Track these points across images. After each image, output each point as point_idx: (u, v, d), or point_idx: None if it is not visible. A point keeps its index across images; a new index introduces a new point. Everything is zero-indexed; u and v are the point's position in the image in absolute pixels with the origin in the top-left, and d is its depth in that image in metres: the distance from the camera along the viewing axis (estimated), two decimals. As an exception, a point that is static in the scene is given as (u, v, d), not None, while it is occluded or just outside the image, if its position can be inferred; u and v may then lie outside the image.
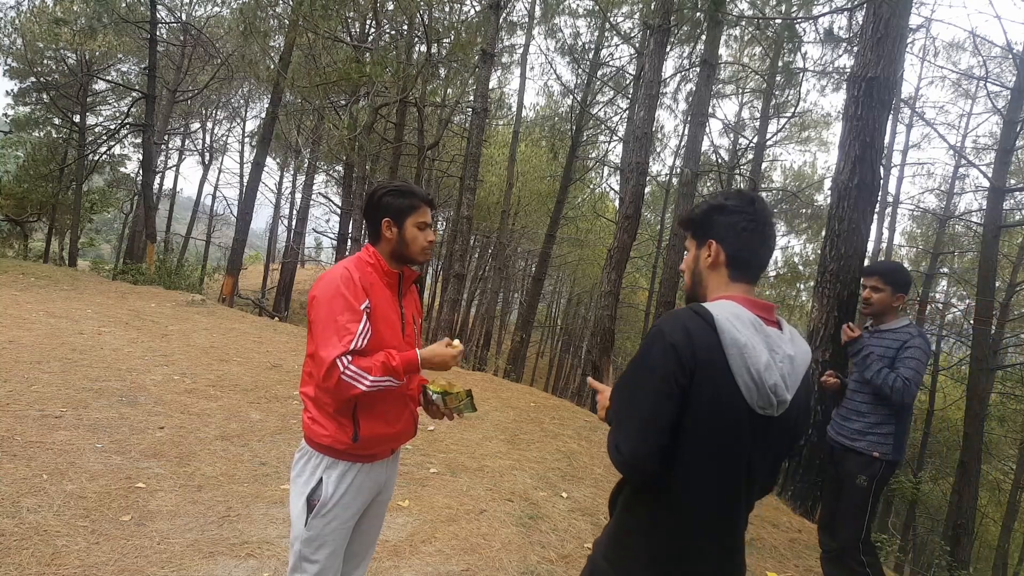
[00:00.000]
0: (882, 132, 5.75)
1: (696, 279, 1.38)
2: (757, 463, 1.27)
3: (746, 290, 1.33)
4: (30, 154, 17.94)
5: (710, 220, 1.35)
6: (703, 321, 1.20)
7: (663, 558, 1.26)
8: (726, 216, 1.33)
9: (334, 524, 1.79)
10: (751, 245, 1.32)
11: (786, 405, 1.23)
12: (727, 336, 1.18)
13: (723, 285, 1.33)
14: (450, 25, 12.49)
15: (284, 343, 7.73)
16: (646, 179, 9.81)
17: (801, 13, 12.51)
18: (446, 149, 19.39)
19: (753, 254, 1.33)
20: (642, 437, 1.20)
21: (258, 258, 34.05)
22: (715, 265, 1.34)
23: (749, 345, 1.18)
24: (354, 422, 1.76)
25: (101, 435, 3.81)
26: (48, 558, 2.49)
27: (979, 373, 11.20)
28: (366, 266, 1.84)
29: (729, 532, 1.29)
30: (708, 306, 1.24)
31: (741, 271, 1.33)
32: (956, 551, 10.22)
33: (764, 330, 1.23)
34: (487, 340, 20.66)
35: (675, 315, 1.24)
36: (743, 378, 1.18)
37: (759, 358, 1.18)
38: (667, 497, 1.25)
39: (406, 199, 1.86)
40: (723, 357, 1.18)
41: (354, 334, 1.68)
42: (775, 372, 1.20)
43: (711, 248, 1.34)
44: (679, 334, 1.19)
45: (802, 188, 20.04)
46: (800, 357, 1.27)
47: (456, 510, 3.55)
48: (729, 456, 1.23)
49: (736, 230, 1.32)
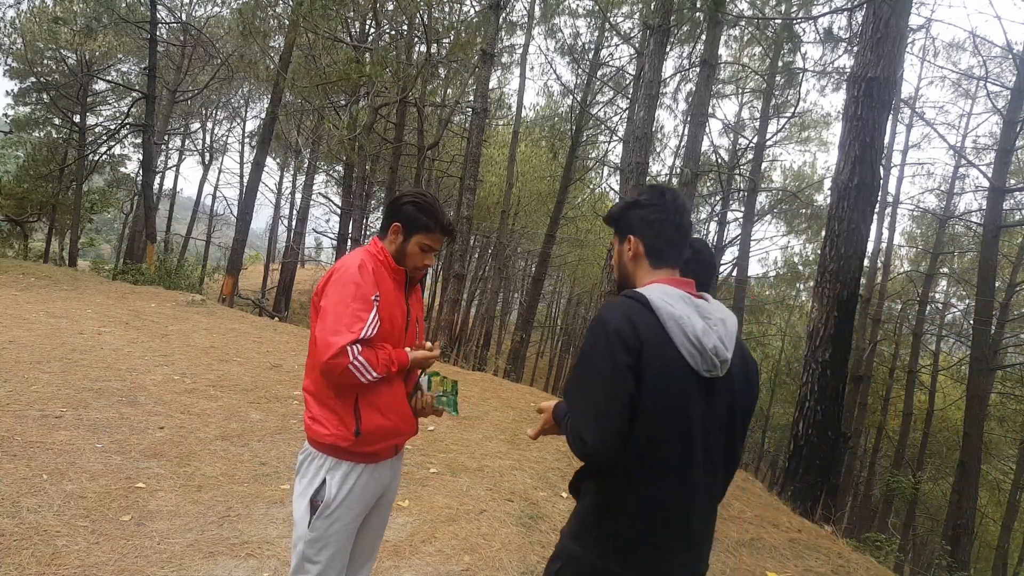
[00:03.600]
0: (882, 132, 5.75)
1: (623, 272, 1.49)
2: (711, 427, 1.34)
3: (669, 274, 1.43)
4: (30, 154, 17.93)
5: (626, 217, 1.47)
6: (638, 304, 1.31)
7: (629, 535, 1.32)
8: (639, 211, 1.44)
9: (337, 525, 1.79)
10: (665, 234, 1.43)
11: (728, 364, 1.32)
12: (663, 312, 1.28)
13: (647, 273, 1.43)
14: (450, 25, 12.49)
15: (284, 343, 7.73)
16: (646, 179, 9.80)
17: (801, 13, 12.52)
18: (446, 149, 19.38)
19: (668, 242, 1.43)
20: (603, 423, 1.26)
21: (258, 258, 34.02)
22: (636, 257, 1.45)
23: (684, 316, 1.28)
24: (356, 416, 1.76)
25: (101, 435, 3.81)
26: (48, 558, 2.49)
27: (979, 373, 11.21)
28: (375, 259, 1.85)
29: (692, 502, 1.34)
30: (639, 290, 1.35)
31: (660, 259, 1.43)
32: (956, 551, 10.23)
33: (693, 301, 1.34)
34: (487, 340, 20.65)
35: (612, 304, 1.33)
36: (685, 347, 1.27)
37: (695, 325, 1.28)
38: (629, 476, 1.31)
39: (425, 217, 1.85)
40: (664, 332, 1.27)
41: (365, 322, 1.70)
42: (712, 335, 1.30)
43: (631, 242, 1.45)
44: (620, 320, 1.28)
45: (802, 188, 20.03)
46: (730, 320, 1.38)
47: (456, 510, 3.55)
48: (683, 426, 1.29)
49: (649, 222, 1.43)
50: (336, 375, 1.68)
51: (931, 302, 19.24)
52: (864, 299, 14.97)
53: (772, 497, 5.32)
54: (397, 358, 1.78)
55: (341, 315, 1.69)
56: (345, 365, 1.65)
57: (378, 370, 1.71)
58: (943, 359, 20.39)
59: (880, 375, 19.44)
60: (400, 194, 1.91)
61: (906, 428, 18.04)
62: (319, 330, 1.71)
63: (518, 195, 20.77)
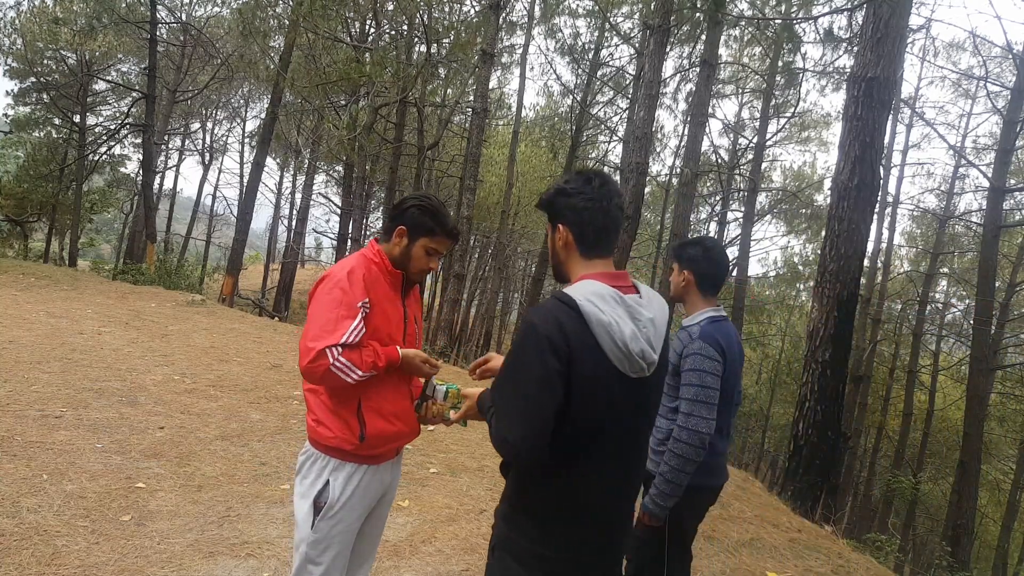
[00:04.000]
0: (882, 132, 5.75)
1: (556, 260, 1.46)
2: (629, 424, 1.35)
3: (603, 264, 1.40)
4: (30, 154, 17.94)
5: (555, 204, 1.43)
6: (567, 307, 1.28)
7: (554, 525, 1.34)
8: (567, 198, 1.40)
9: (340, 526, 1.79)
10: (594, 222, 1.38)
11: (655, 365, 1.33)
12: (592, 318, 1.26)
13: (580, 264, 1.40)
14: (450, 25, 12.49)
15: (284, 343, 7.73)
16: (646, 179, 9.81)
17: (801, 13, 12.52)
18: (446, 149, 19.39)
19: (598, 231, 1.39)
20: (528, 425, 1.26)
21: (258, 258, 34.02)
22: (567, 246, 1.41)
23: (612, 322, 1.26)
24: (360, 421, 1.76)
25: (101, 435, 3.81)
26: (48, 558, 2.49)
27: (979, 373, 11.21)
28: (371, 263, 1.84)
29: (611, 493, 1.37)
30: (569, 291, 1.31)
31: (591, 247, 1.40)
32: (956, 551, 10.22)
33: (624, 301, 1.31)
34: (487, 340, 20.66)
35: (543, 308, 1.31)
36: (613, 352, 1.26)
37: (624, 331, 1.27)
38: (552, 469, 1.31)
39: (431, 221, 1.85)
40: (592, 337, 1.25)
41: (346, 330, 1.69)
42: (640, 339, 1.29)
43: (560, 231, 1.41)
44: (550, 325, 1.26)
45: (802, 188, 20.03)
46: (659, 316, 1.37)
47: (456, 510, 3.55)
48: (608, 426, 1.31)
49: (577, 210, 1.39)
50: (318, 378, 1.67)
51: (931, 302, 19.24)
52: (864, 299, 14.97)
53: (772, 497, 5.32)
54: (385, 354, 1.77)
55: (324, 321, 1.69)
56: (326, 367, 1.64)
57: (363, 368, 1.69)
58: (943, 359, 20.39)
59: (880, 375, 19.44)
60: (404, 197, 1.90)
61: (906, 428, 18.04)
62: (301, 336, 1.72)
63: (518, 195, 20.75)
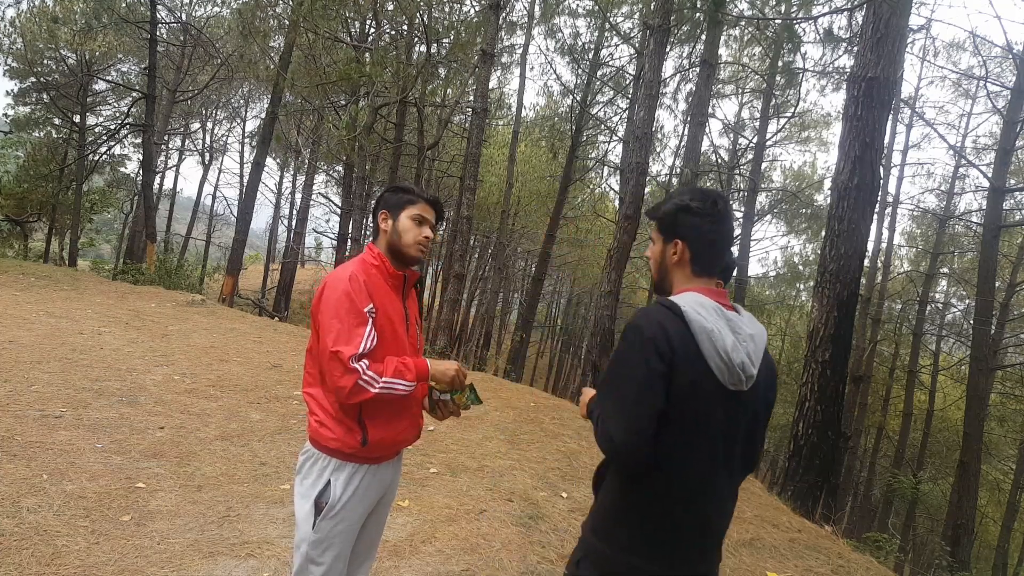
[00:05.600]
0: (882, 132, 5.75)
1: (662, 273, 1.49)
2: (732, 436, 1.38)
3: (707, 283, 1.44)
4: (30, 154, 17.90)
5: (676, 220, 1.45)
6: (672, 313, 1.32)
7: (650, 532, 1.36)
8: (690, 216, 1.43)
9: (341, 527, 1.79)
10: (715, 246, 1.44)
11: (753, 379, 1.34)
12: (695, 324, 1.30)
13: (686, 279, 1.44)
14: (450, 25, 12.49)
15: (284, 343, 7.73)
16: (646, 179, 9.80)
17: (801, 13, 12.50)
18: (446, 149, 19.38)
19: (716, 254, 1.44)
20: (633, 426, 1.29)
21: (258, 258, 34.03)
22: (680, 262, 1.45)
23: (715, 330, 1.30)
24: (361, 427, 1.77)
25: (101, 435, 3.80)
26: (48, 558, 2.49)
27: (979, 373, 11.21)
28: (371, 268, 1.84)
29: (708, 507, 1.39)
30: (675, 299, 1.36)
31: (703, 267, 1.44)
32: (956, 551, 10.22)
33: (725, 314, 1.35)
34: (487, 340, 20.66)
35: (648, 312, 1.36)
36: (714, 360, 1.29)
37: (726, 340, 1.30)
38: (652, 476, 1.34)
39: (405, 194, 1.90)
40: (695, 344, 1.29)
41: (362, 337, 1.70)
42: (741, 351, 1.32)
43: (677, 247, 1.44)
44: (655, 328, 1.30)
45: (802, 188, 20.03)
46: (759, 335, 1.40)
47: (456, 510, 3.55)
48: (707, 433, 1.33)
49: (700, 231, 1.42)
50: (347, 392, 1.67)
51: (931, 302, 19.24)
52: (864, 299, 14.97)
53: (772, 497, 5.32)
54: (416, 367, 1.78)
55: (337, 332, 1.69)
56: (356, 381, 1.66)
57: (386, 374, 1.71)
58: (943, 359, 20.39)
59: (880, 375, 19.44)
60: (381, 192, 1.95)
61: (906, 428, 18.04)
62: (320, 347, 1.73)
63: (518, 195, 20.76)
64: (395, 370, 1.73)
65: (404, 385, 1.74)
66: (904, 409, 17.86)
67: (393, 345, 1.82)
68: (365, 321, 1.72)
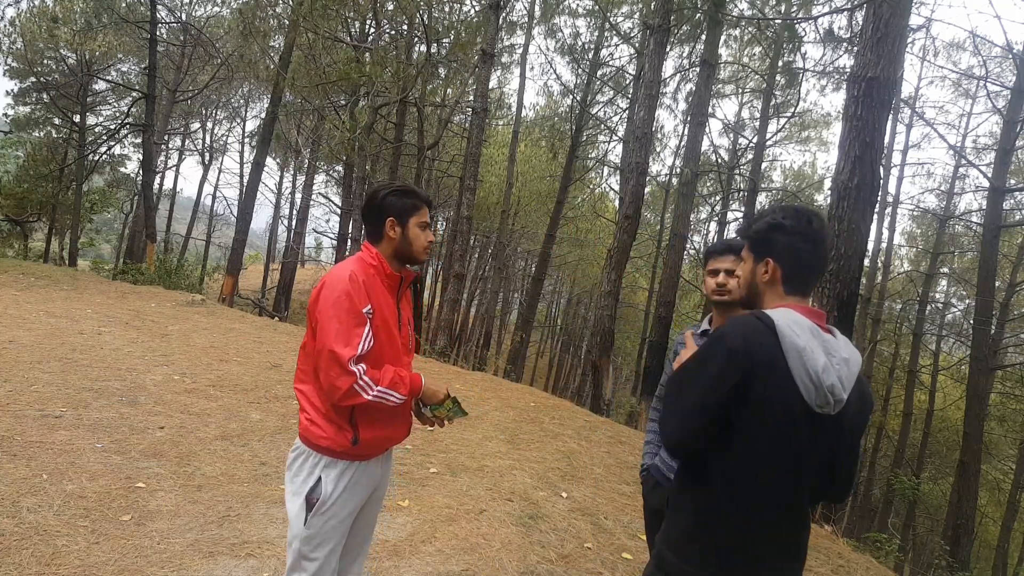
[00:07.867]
0: (882, 132, 5.75)
1: (752, 291, 1.47)
2: (808, 459, 1.34)
3: (799, 300, 1.41)
4: (30, 154, 17.91)
5: (769, 239, 1.42)
6: (764, 326, 1.31)
7: (730, 550, 1.36)
8: (785, 237, 1.40)
9: (333, 522, 1.80)
10: (808, 264, 1.41)
11: (842, 404, 1.31)
12: (787, 341, 1.28)
13: (778, 297, 1.42)
14: (450, 25, 12.50)
15: (284, 343, 7.73)
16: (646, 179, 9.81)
17: (801, 13, 12.51)
18: (446, 149, 19.39)
19: (809, 275, 1.43)
20: (685, 424, 1.34)
21: (258, 258, 34.03)
22: (772, 281, 1.43)
23: (808, 348, 1.28)
24: (353, 427, 1.79)
25: (101, 435, 3.80)
26: (48, 558, 2.49)
27: (979, 373, 11.20)
28: (369, 268, 1.84)
29: (783, 524, 1.38)
30: (770, 312, 1.34)
31: (795, 287, 1.42)
32: (956, 551, 10.22)
33: (821, 335, 1.33)
34: (487, 340, 20.67)
35: (739, 321, 1.36)
36: (802, 379, 1.27)
37: (817, 360, 1.27)
38: (731, 494, 1.35)
39: (409, 199, 1.89)
40: (783, 359, 1.27)
41: (360, 338, 1.71)
42: (832, 373, 1.28)
43: (768, 266, 1.42)
44: (738, 339, 1.30)
45: (802, 188, 20.03)
46: (854, 360, 1.35)
47: (456, 510, 3.55)
48: (785, 451, 1.32)
49: (795, 251, 1.40)
50: (341, 393, 1.69)
51: (931, 302, 19.24)
52: (864, 299, 14.97)
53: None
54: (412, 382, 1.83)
55: (336, 333, 1.70)
56: (352, 384, 1.68)
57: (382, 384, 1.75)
58: (943, 359, 20.39)
59: (880, 375, 19.44)
60: (372, 194, 1.91)
61: (906, 428, 18.03)
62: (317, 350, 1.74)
63: (518, 195, 20.76)
64: (391, 381, 1.75)
65: (397, 398, 1.77)
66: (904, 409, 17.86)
67: (388, 346, 1.83)
68: (364, 322, 1.73)
